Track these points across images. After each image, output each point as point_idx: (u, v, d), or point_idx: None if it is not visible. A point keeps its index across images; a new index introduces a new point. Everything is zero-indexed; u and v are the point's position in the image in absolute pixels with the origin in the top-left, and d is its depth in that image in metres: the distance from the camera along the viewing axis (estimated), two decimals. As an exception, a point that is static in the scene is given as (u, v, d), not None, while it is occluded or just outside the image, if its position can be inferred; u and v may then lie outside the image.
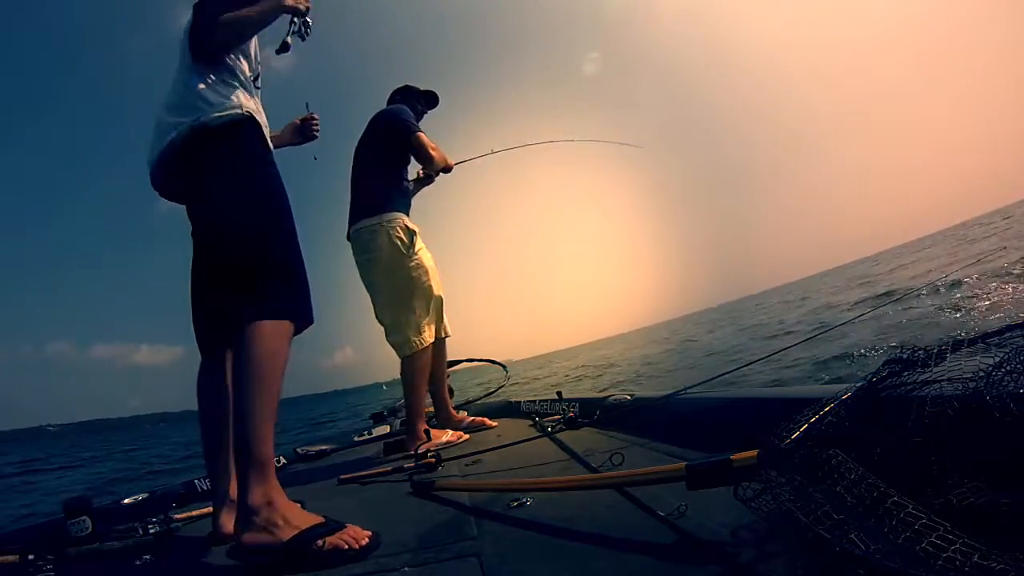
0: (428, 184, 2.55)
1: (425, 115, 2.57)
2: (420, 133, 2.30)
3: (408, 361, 2.21)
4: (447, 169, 2.48)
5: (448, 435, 2.26)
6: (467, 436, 2.33)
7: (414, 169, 2.48)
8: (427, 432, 2.18)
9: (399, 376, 2.36)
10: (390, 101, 2.53)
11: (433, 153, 2.30)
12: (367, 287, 2.30)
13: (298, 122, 1.64)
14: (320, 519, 0.97)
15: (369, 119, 2.44)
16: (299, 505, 1.06)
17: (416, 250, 2.25)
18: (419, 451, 1.94)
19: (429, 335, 2.26)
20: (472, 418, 2.50)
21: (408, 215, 2.31)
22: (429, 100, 2.58)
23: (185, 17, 1.26)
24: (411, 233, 2.23)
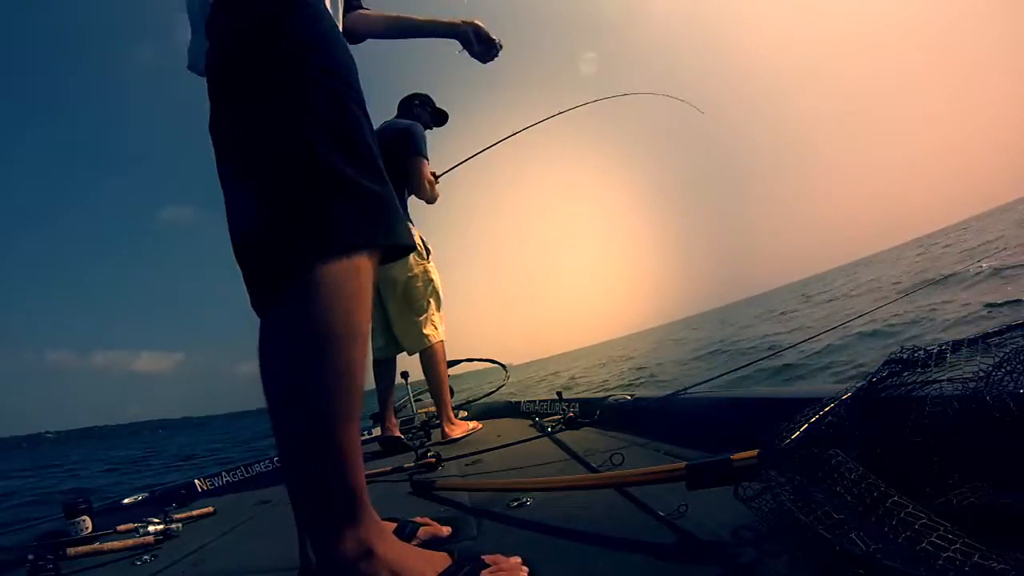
0: None
1: (430, 128, 2.62)
2: (424, 160, 2.34)
3: (428, 353, 2.33)
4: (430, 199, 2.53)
5: (468, 426, 2.42)
6: (480, 425, 2.47)
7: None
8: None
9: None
10: (405, 106, 2.55)
11: (426, 184, 2.35)
12: (383, 287, 2.34)
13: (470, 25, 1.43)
14: (447, 558, 0.69)
15: (384, 123, 2.47)
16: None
17: (430, 258, 2.41)
18: (450, 437, 2.22)
19: (441, 332, 2.39)
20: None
21: None
22: (438, 118, 2.62)
23: None
24: (426, 246, 2.40)
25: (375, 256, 0.71)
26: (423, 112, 2.53)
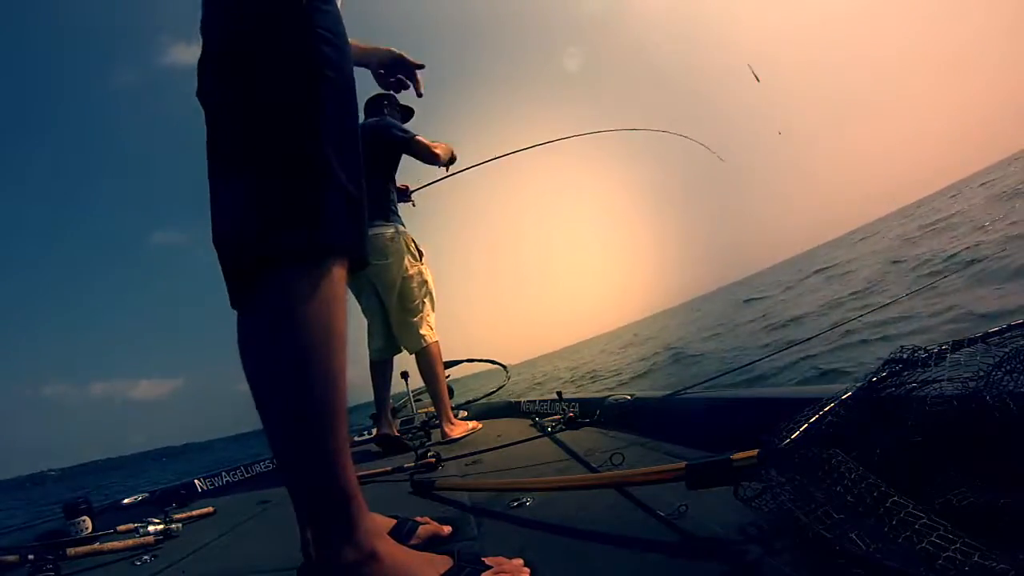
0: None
1: None
2: (417, 136, 2.40)
3: (424, 353, 2.35)
4: (452, 160, 2.56)
5: (468, 426, 2.44)
6: (480, 425, 2.49)
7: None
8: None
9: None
10: (375, 107, 2.54)
11: (437, 150, 2.42)
12: (380, 290, 2.37)
13: (397, 55, 1.36)
14: (448, 560, 0.69)
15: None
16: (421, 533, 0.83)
17: (423, 260, 2.44)
18: (450, 437, 2.25)
19: (435, 332, 2.42)
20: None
21: None
22: (405, 116, 2.66)
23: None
24: (418, 248, 2.43)
25: (346, 264, 0.70)
26: (393, 112, 2.56)
